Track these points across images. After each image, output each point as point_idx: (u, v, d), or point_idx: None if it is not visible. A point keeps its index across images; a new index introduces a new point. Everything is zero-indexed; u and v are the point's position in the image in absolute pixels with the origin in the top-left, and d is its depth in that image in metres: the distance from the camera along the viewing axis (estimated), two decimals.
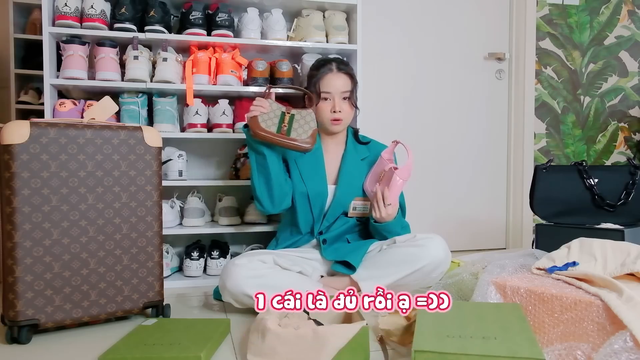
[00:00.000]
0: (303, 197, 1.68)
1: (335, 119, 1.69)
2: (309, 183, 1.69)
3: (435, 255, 1.52)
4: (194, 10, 1.92)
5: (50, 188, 1.28)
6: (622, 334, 0.97)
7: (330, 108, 1.69)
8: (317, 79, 1.71)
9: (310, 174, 1.70)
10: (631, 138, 2.94)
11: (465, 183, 2.72)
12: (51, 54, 1.84)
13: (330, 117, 1.69)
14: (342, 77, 1.71)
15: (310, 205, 1.69)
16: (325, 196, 1.70)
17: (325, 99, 1.70)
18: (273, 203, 1.64)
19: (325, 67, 1.71)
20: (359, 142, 1.81)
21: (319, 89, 1.70)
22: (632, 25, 2.90)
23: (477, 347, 0.94)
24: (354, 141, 1.81)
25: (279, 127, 1.55)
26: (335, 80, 1.69)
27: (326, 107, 1.69)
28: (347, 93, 1.70)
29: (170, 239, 2.09)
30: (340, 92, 1.69)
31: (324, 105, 1.70)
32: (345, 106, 1.70)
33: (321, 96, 1.70)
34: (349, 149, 1.78)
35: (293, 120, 1.57)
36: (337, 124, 1.70)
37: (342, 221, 1.73)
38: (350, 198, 1.71)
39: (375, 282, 1.52)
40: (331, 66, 1.71)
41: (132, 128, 1.40)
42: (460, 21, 2.67)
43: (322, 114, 1.70)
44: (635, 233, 1.70)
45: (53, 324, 1.29)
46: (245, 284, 1.43)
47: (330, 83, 1.69)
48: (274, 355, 1.08)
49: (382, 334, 1.25)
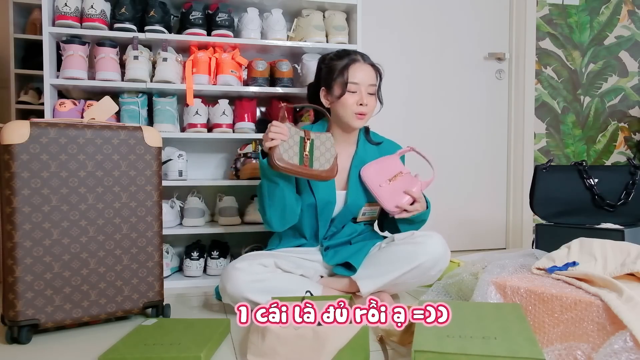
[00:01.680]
0: (311, 207, 1.60)
1: (361, 112, 1.57)
2: (318, 193, 1.58)
3: (434, 251, 1.50)
4: (194, 10, 1.92)
5: (50, 188, 1.28)
6: (622, 334, 0.97)
7: (357, 101, 1.56)
8: (345, 68, 1.57)
9: (320, 183, 1.58)
10: (631, 138, 2.94)
11: (465, 183, 2.72)
12: (51, 54, 1.84)
13: (356, 110, 1.56)
14: (369, 68, 1.60)
15: (317, 214, 1.61)
16: (333, 205, 1.62)
17: (352, 91, 1.56)
18: (284, 225, 1.55)
19: (350, 56, 1.60)
20: (370, 142, 1.71)
21: (347, 78, 1.56)
22: (632, 25, 2.90)
23: (477, 347, 0.94)
24: (365, 141, 1.71)
25: (300, 157, 1.41)
26: (364, 71, 1.58)
27: (352, 99, 1.56)
28: (374, 87, 1.60)
29: (170, 239, 2.09)
30: (368, 85, 1.58)
31: (349, 97, 1.56)
32: (371, 100, 1.59)
33: (347, 87, 1.56)
34: (359, 150, 1.68)
35: (314, 148, 1.45)
36: (362, 118, 1.58)
37: (350, 228, 1.68)
38: (360, 204, 1.63)
39: (374, 281, 1.52)
40: (357, 56, 1.60)
41: (132, 128, 1.40)
42: (460, 21, 2.67)
43: (346, 107, 1.57)
44: (635, 233, 1.70)
45: (53, 324, 1.29)
46: (246, 288, 1.42)
47: (358, 73, 1.57)
48: (274, 355, 1.08)
49: (382, 334, 1.25)
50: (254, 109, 2.03)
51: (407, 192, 1.54)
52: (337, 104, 1.59)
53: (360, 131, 1.71)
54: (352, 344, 1.06)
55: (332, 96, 1.60)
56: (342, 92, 1.57)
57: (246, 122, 1.99)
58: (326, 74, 1.62)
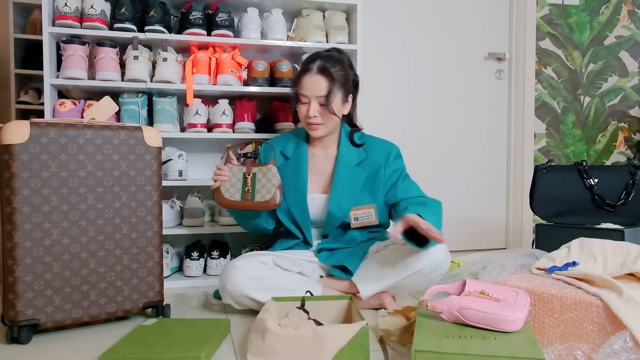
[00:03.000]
0: (283, 212, 1.67)
1: (310, 123, 1.59)
2: (289, 198, 1.64)
3: (434, 257, 1.48)
4: (194, 10, 1.92)
5: (50, 188, 1.28)
6: (622, 334, 0.97)
7: (305, 112, 1.59)
8: (297, 78, 1.61)
9: (290, 187, 1.64)
10: (631, 138, 2.94)
11: (466, 183, 2.72)
12: (51, 54, 1.84)
13: (307, 120, 1.60)
14: (318, 79, 1.56)
15: (295, 217, 1.65)
16: (306, 208, 1.63)
17: (303, 102, 1.60)
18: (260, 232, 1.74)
19: (306, 65, 1.60)
20: (353, 144, 1.69)
21: (297, 89, 1.61)
22: (632, 25, 2.90)
23: (477, 347, 0.94)
24: (348, 144, 1.68)
25: (242, 193, 1.56)
26: (311, 83, 1.57)
27: (302, 110, 1.60)
28: (322, 98, 1.57)
29: (170, 239, 2.09)
30: (316, 97, 1.57)
31: (300, 108, 1.61)
32: (321, 111, 1.58)
33: (299, 98, 1.60)
34: (342, 153, 1.66)
35: (255, 181, 1.57)
36: (315, 128, 1.60)
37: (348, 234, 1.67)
38: (346, 208, 1.62)
39: (373, 284, 1.51)
40: (310, 65, 1.59)
41: (132, 128, 1.40)
42: (460, 21, 2.67)
43: (300, 116, 1.62)
44: (635, 233, 1.70)
45: (53, 324, 1.29)
46: (245, 285, 1.43)
47: (306, 85, 1.58)
48: (274, 355, 1.08)
49: (382, 334, 1.25)
50: (254, 109, 2.03)
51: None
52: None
53: (341, 133, 1.70)
54: (352, 344, 1.06)
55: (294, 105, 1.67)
56: (296, 102, 1.63)
57: (246, 122, 1.99)
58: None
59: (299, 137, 1.72)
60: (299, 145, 1.70)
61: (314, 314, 1.26)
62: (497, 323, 1.01)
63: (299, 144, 1.70)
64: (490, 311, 1.02)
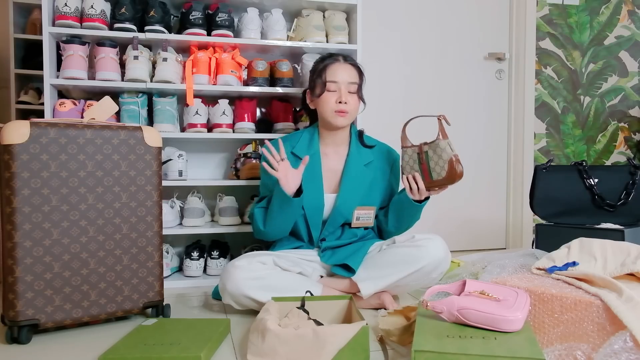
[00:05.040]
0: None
1: (341, 110, 1.59)
2: (307, 198, 1.59)
3: (435, 255, 1.50)
4: (194, 10, 1.92)
5: (50, 188, 1.28)
6: (622, 334, 0.97)
7: (335, 99, 1.60)
8: (323, 68, 1.63)
9: (307, 185, 1.59)
10: (631, 138, 2.94)
11: (465, 183, 2.72)
12: (51, 54, 1.84)
13: (335, 108, 1.59)
14: (349, 67, 1.63)
15: (306, 217, 1.64)
16: (321, 208, 1.64)
17: (331, 90, 1.61)
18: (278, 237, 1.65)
19: (332, 57, 1.65)
20: (363, 144, 1.72)
21: (325, 77, 1.61)
22: (632, 25, 2.90)
23: (477, 347, 0.94)
24: (358, 144, 1.71)
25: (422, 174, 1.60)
26: (343, 70, 1.62)
27: (331, 97, 1.60)
28: (354, 85, 1.62)
29: (170, 239, 2.09)
30: (348, 83, 1.61)
31: (328, 96, 1.61)
32: (352, 99, 1.62)
33: (327, 86, 1.60)
34: (352, 152, 1.68)
35: (428, 159, 1.59)
36: (342, 116, 1.60)
37: (348, 233, 1.68)
38: (351, 207, 1.64)
39: (374, 283, 1.52)
40: (338, 57, 1.65)
41: (132, 128, 1.40)
42: (460, 21, 2.67)
43: (326, 105, 1.61)
44: (635, 233, 1.70)
45: (53, 324, 1.29)
46: (245, 285, 1.43)
47: (337, 72, 1.61)
48: (274, 355, 1.08)
49: (382, 334, 1.25)
50: (254, 109, 2.03)
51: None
52: (318, 103, 1.64)
53: (352, 134, 1.72)
54: (352, 344, 1.06)
55: (314, 96, 1.65)
56: (322, 91, 1.61)
57: (246, 122, 1.99)
58: (311, 78, 1.69)
59: (309, 137, 1.71)
60: (311, 144, 1.69)
61: (314, 314, 1.26)
62: (497, 323, 1.01)
63: (311, 144, 1.69)
64: (490, 311, 1.02)
